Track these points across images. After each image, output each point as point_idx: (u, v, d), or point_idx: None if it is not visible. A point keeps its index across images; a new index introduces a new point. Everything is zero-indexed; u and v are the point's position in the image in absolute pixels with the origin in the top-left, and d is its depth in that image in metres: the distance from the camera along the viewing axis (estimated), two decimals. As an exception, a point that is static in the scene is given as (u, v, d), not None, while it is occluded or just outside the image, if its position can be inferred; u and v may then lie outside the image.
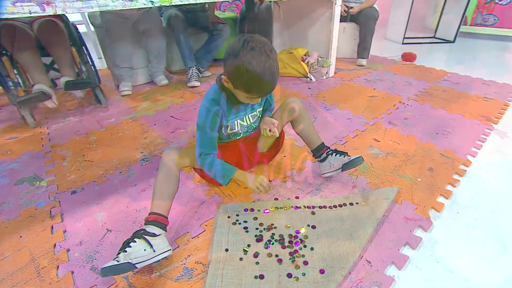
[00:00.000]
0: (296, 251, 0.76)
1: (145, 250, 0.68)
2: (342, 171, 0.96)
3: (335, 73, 2.16)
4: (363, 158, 0.93)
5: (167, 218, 0.78)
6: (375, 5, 2.36)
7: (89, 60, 1.67)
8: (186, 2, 1.23)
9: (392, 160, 1.13)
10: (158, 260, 0.71)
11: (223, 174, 0.84)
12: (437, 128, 1.37)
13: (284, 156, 1.18)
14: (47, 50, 1.47)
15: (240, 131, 0.93)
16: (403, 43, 3.14)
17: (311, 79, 1.98)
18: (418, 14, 3.59)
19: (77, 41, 1.61)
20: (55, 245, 0.83)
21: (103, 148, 1.29)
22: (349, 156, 0.96)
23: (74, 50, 1.54)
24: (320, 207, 0.90)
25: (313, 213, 0.88)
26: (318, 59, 2.00)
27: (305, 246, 0.77)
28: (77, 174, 1.13)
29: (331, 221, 0.85)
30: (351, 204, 0.90)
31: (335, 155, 0.97)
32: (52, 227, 0.89)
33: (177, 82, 2.12)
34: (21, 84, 1.50)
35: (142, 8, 1.43)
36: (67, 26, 1.57)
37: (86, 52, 1.66)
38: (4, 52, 1.41)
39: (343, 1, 2.43)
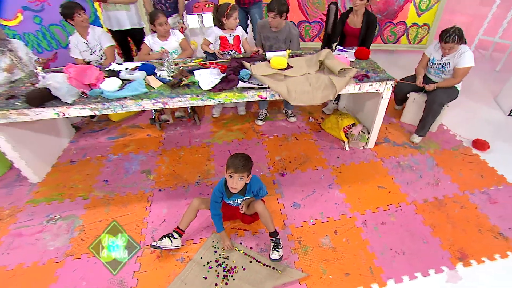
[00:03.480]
0: (226, 276, 1.50)
1: (167, 243, 1.58)
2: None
3: (376, 145, 2.38)
4: (281, 259, 1.50)
5: (184, 231, 1.65)
6: (458, 85, 2.27)
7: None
8: (228, 101, 1.91)
9: (330, 253, 1.61)
10: (174, 248, 1.61)
11: (217, 228, 1.62)
12: (399, 245, 1.65)
13: (267, 216, 1.82)
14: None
15: (232, 205, 1.66)
16: (509, 115, 2.71)
17: (345, 148, 2.33)
18: None
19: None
20: (144, 217, 1.86)
21: (183, 164, 2.27)
22: (277, 252, 1.51)
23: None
24: (257, 261, 1.57)
25: (250, 261, 1.57)
26: (359, 133, 2.30)
27: (231, 276, 1.50)
28: (165, 178, 2.15)
29: (253, 271, 1.53)
30: (273, 268, 1.53)
31: (272, 246, 1.55)
32: (146, 207, 1.92)
33: (251, 114, 2.85)
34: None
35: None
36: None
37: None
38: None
39: (425, 70, 2.42)
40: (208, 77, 1.96)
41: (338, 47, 2.45)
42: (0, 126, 1.84)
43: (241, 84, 1.85)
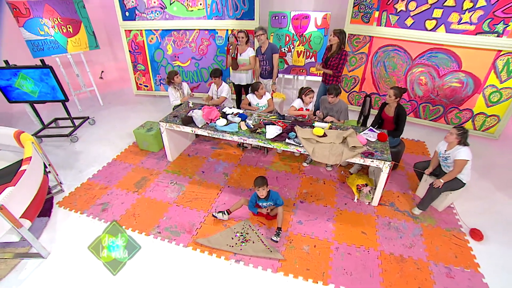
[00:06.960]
0: (243, 242, 2.74)
1: (221, 216, 2.94)
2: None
3: (380, 205, 3.12)
4: (276, 242, 2.62)
5: (231, 212, 2.98)
6: (464, 179, 2.78)
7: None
8: (278, 147, 3.15)
9: (304, 255, 2.60)
10: (223, 219, 2.96)
11: (253, 212, 2.92)
12: (351, 269, 2.47)
13: (279, 222, 2.95)
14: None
15: (261, 206, 2.89)
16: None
17: (353, 199, 3.19)
18: None
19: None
20: (214, 198, 3.30)
21: (247, 176, 3.63)
22: (276, 238, 2.65)
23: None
24: (262, 241, 2.74)
25: (258, 240, 2.75)
26: (368, 192, 3.12)
27: (245, 243, 2.72)
28: (234, 181, 3.55)
29: (257, 245, 2.70)
30: (268, 248, 2.66)
31: (275, 233, 2.69)
32: (217, 193, 3.37)
33: (303, 156, 3.98)
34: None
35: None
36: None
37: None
38: (245, 125, 4.00)
39: (437, 161, 3.00)
40: (273, 130, 3.27)
41: (370, 127, 3.34)
42: (166, 129, 3.67)
43: (287, 140, 3.08)
